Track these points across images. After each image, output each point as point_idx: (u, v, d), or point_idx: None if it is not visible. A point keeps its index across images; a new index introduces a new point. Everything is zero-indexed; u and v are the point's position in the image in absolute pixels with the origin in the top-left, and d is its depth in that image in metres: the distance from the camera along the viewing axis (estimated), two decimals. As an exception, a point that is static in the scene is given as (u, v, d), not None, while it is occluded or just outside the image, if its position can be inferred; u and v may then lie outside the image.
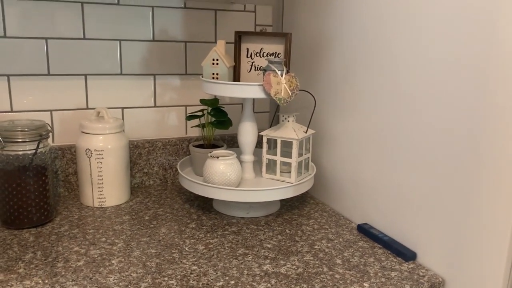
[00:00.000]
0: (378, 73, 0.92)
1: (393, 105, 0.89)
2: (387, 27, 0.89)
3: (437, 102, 0.79)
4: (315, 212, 1.07)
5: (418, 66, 0.82)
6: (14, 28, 1.04)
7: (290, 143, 1.02)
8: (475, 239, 0.74)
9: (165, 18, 1.18)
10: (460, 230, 0.77)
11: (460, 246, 0.77)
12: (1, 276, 0.76)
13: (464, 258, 0.76)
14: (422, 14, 0.81)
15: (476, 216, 0.74)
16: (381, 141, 0.93)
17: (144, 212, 1.04)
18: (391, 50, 0.88)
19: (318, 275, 0.79)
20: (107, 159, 1.03)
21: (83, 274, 0.77)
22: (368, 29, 0.94)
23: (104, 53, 1.13)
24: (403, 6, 0.85)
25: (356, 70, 0.99)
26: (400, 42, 0.86)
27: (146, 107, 1.21)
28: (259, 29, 1.29)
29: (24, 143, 0.92)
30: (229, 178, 0.98)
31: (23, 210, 0.93)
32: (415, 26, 0.82)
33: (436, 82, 0.79)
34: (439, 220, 0.81)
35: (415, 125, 0.84)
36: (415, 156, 0.85)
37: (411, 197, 0.86)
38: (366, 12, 0.94)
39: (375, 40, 0.92)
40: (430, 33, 0.79)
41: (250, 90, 0.96)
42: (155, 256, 0.84)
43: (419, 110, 0.83)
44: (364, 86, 0.97)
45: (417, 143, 0.84)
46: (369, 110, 0.96)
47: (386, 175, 0.92)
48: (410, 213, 0.87)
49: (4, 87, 1.05)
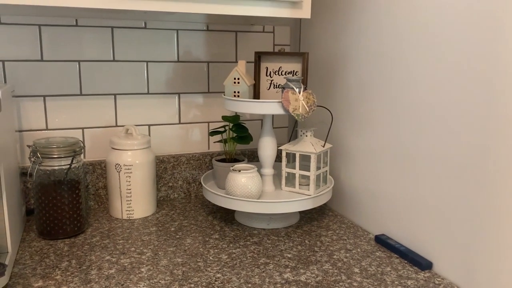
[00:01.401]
0: (393, 89, 0.96)
1: (408, 119, 0.93)
2: (402, 44, 0.93)
3: (451, 116, 0.82)
4: (333, 224, 1.11)
5: (434, 81, 0.86)
6: (49, 52, 1.12)
7: (309, 157, 1.06)
8: (491, 248, 0.77)
9: (189, 40, 1.25)
10: (476, 239, 0.79)
11: (476, 255, 0.79)
12: (41, 282, 0.82)
13: (480, 267, 0.79)
14: (437, 31, 0.85)
15: (492, 225, 0.76)
16: (396, 154, 0.97)
17: (170, 224, 1.09)
18: (406, 67, 0.93)
19: (336, 283, 0.83)
20: (135, 173, 1.09)
21: (115, 281, 0.82)
22: (383, 47, 0.99)
23: (132, 74, 1.20)
24: (418, 24, 0.89)
25: (372, 86, 1.03)
26: (415, 58, 0.90)
27: (171, 124, 1.27)
28: (277, 49, 1.35)
29: (59, 158, 0.99)
30: (250, 191, 1.03)
31: (58, 221, 0.99)
32: (429, 43, 0.87)
33: (450, 97, 0.83)
34: (454, 230, 0.83)
35: (430, 138, 0.88)
36: (430, 168, 0.88)
37: (426, 208, 0.89)
38: (381, 31, 0.99)
39: (389, 58, 0.97)
40: (445, 50, 0.83)
41: (270, 107, 1.02)
42: (181, 264, 0.89)
43: (434, 124, 0.87)
44: (379, 101, 1.01)
45: (431, 156, 0.87)
46: (384, 124, 1.00)
47: (403, 187, 0.96)
48: (426, 223, 0.90)
49: (40, 107, 1.13)
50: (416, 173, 0.91)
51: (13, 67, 1.09)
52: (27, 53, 1.10)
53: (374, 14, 1.00)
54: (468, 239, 0.80)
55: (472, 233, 0.80)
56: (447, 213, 0.84)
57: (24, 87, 1.11)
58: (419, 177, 0.91)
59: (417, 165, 0.91)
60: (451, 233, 0.84)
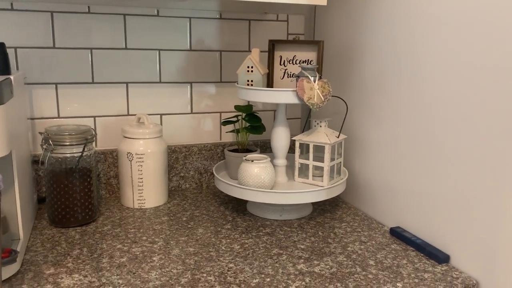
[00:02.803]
0: (409, 80, 0.94)
1: (423, 112, 0.90)
2: (416, 36, 0.91)
3: (467, 108, 0.80)
4: (347, 216, 1.09)
5: (449, 73, 0.84)
6: (61, 39, 1.11)
7: (322, 147, 1.04)
8: (510, 241, 0.75)
9: (201, 29, 1.23)
10: (494, 232, 0.77)
11: (494, 249, 0.77)
12: (52, 269, 0.81)
13: (498, 261, 0.77)
14: (451, 23, 0.82)
15: (510, 218, 0.74)
16: (412, 146, 0.94)
17: (181, 214, 1.08)
18: (421, 58, 0.90)
19: (351, 275, 0.81)
20: (147, 162, 1.08)
21: (126, 269, 0.81)
22: (398, 38, 0.96)
23: (144, 62, 1.19)
24: (434, 16, 0.87)
25: (387, 77, 1.01)
26: (429, 50, 0.88)
27: (183, 113, 1.26)
28: (291, 37, 1.33)
29: (71, 146, 0.98)
30: (263, 181, 1.01)
31: (70, 209, 0.99)
32: (444, 35, 0.84)
33: (465, 89, 0.80)
34: (472, 222, 0.81)
35: (446, 130, 0.85)
36: (447, 160, 0.86)
37: (443, 200, 0.87)
38: (396, 21, 0.97)
39: (405, 48, 0.94)
40: (459, 41, 0.81)
41: (284, 96, 1.00)
42: (193, 254, 0.88)
43: (450, 116, 0.84)
44: (394, 92, 0.99)
45: (448, 147, 0.85)
46: (400, 116, 0.97)
47: (419, 179, 0.93)
48: (443, 216, 0.88)
49: (52, 94, 1.13)
50: (433, 165, 0.89)
51: (25, 54, 1.09)
52: (39, 40, 1.09)
53: (391, 4, 0.98)
54: (487, 232, 0.78)
55: (491, 226, 0.77)
56: (465, 206, 0.82)
57: (36, 74, 1.11)
58: (436, 170, 0.88)
59: (433, 157, 0.89)
60: (469, 226, 0.82)
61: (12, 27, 1.07)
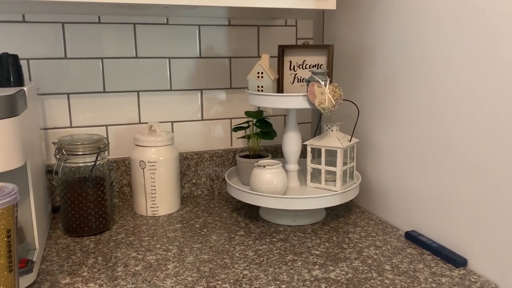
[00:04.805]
0: (420, 83, 0.93)
1: (436, 114, 0.90)
2: (426, 36, 0.90)
3: (481, 110, 0.79)
4: (361, 221, 1.08)
5: (462, 73, 0.83)
6: (73, 49, 1.12)
7: (335, 152, 1.04)
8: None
9: (211, 36, 1.23)
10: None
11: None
12: (68, 279, 0.81)
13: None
14: (463, 22, 0.82)
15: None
16: (426, 149, 0.94)
17: (194, 221, 1.08)
18: (432, 59, 0.89)
19: (367, 280, 0.80)
20: (160, 170, 1.08)
21: (141, 278, 0.81)
22: (408, 39, 0.96)
23: (155, 71, 1.20)
24: (445, 17, 0.86)
25: (398, 81, 1.00)
26: (441, 51, 0.87)
27: (194, 120, 1.26)
28: (300, 42, 1.32)
29: (84, 155, 0.99)
30: (275, 187, 1.01)
31: (84, 218, 0.99)
32: (456, 35, 0.83)
33: (479, 89, 0.79)
34: (490, 226, 0.80)
35: (460, 130, 0.84)
36: (462, 163, 0.85)
37: (460, 204, 0.86)
38: (405, 22, 0.96)
39: (415, 50, 0.94)
40: (472, 41, 0.80)
41: (295, 101, 0.99)
42: (207, 261, 0.88)
43: (463, 116, 0.83)
44: (406, 95, 0.98)
45: (463, 151, 0.84)
46: (412, 119, 0.97)
47: (433, 183, 0.92)
48: (460, 220, 0.86)
49: (64, 104, 1.14)
50: (448, 169, 0.88)
51: (37, 65, 1.10)
52: (51, 51, 1.10)
53: (400, 6, 0.97)
54: (505, 235, 0.77)
55: (510, 227, 0.76)
56: (482, 208, 0.81)
57: (48, 85, 1.12)
58: (450, 172, 0.87)
59: (447, 159, 0.88)
60: (487, 230, 0.80)
61: (25, 39, 1.08)
